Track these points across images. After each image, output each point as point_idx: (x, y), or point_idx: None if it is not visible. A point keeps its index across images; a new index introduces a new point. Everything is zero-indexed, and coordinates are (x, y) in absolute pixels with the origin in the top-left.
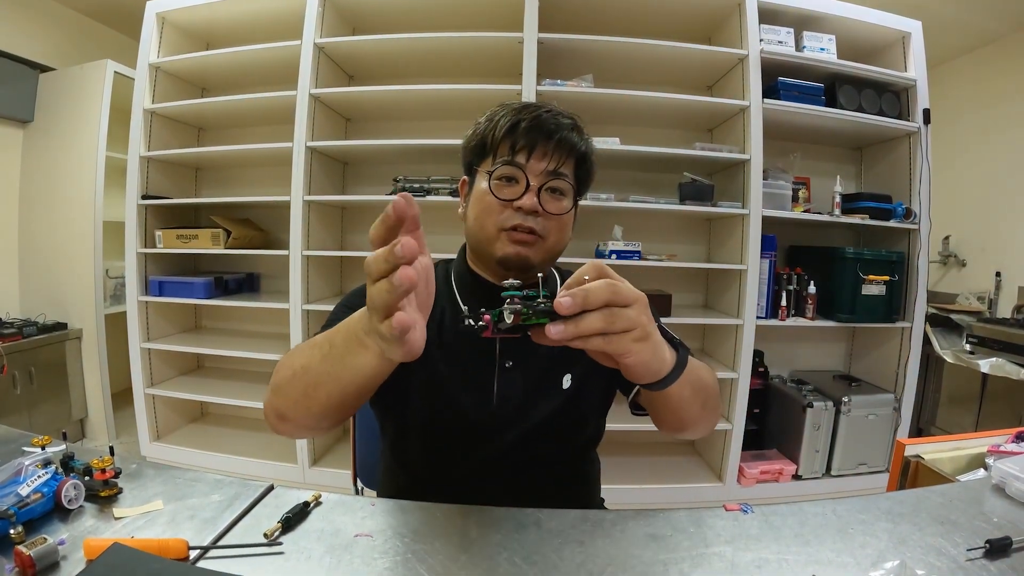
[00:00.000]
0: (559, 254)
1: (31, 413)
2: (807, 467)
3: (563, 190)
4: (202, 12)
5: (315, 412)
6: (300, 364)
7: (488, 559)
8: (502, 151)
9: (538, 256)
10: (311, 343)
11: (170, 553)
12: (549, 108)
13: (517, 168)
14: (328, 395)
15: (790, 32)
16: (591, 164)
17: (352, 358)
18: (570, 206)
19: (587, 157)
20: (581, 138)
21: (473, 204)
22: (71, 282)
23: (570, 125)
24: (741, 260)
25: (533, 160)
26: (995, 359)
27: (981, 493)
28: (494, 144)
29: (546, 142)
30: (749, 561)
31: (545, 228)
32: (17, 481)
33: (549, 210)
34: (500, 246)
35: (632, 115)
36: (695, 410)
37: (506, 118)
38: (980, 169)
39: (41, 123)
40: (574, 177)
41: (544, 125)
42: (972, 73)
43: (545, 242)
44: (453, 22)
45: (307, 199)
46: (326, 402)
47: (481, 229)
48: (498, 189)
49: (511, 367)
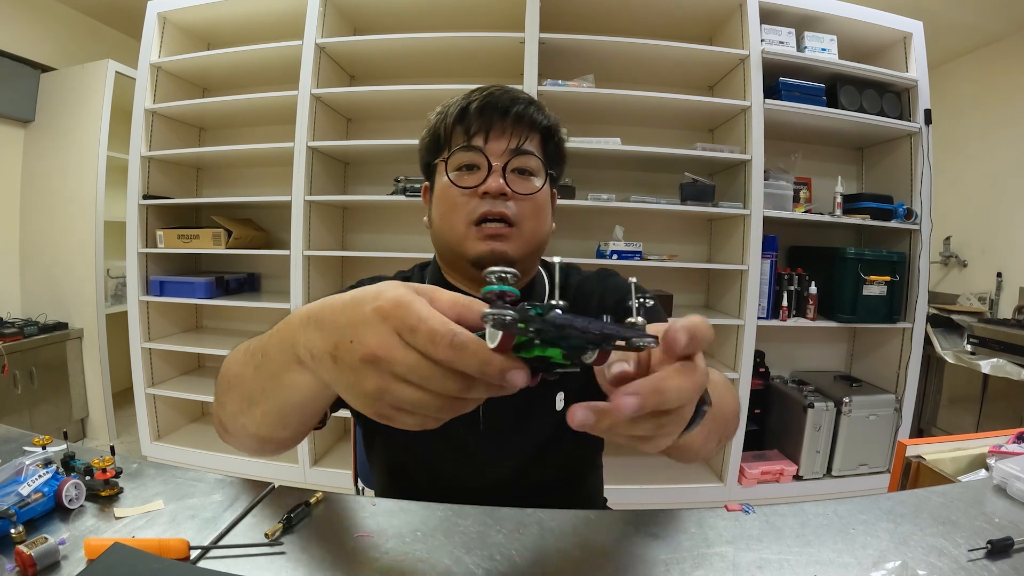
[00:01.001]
0: (541, 245)
1: (32, 413)
2: (808, 468)
3: (531, 168)
4: (203, 12)
5: (252, 432)
6: (235, 372)
7: (489, 559)
8: (456, 139)
9: (516, 249)
10: (248, 348)
11: (171, 553)
12: (501, 87)
13: (475, 151)
14: (264, 414)
15: (791, 32)
16: (560, 139)
17: (288, 375)
18: (542, 184)
19: (553, 131)
20: (542, 112)
21: (436, 203)
22: (72, 282)
23: (527, 100)
24: (742, 260)
25: (492, 140)
26: (996, 360)
27: (982, 493)
28: (447, 134)
29: (502, 119)
30: (750, 561)
31: (519, 213)
32: (18, 480)
33: (519, 190)
34: (471, 245)
35: (633, 115)
36: (708, 447)
37: (455, 105)
38: (981, 170)
39: (42, 123)
40: (542, 154)
41: (497, 102)
42: (973, 73)
43: (521, 231)
44: (454, 22)
45: (308, 199)
46: (262, 421)
47: (449, 228)
48: (459, 179)
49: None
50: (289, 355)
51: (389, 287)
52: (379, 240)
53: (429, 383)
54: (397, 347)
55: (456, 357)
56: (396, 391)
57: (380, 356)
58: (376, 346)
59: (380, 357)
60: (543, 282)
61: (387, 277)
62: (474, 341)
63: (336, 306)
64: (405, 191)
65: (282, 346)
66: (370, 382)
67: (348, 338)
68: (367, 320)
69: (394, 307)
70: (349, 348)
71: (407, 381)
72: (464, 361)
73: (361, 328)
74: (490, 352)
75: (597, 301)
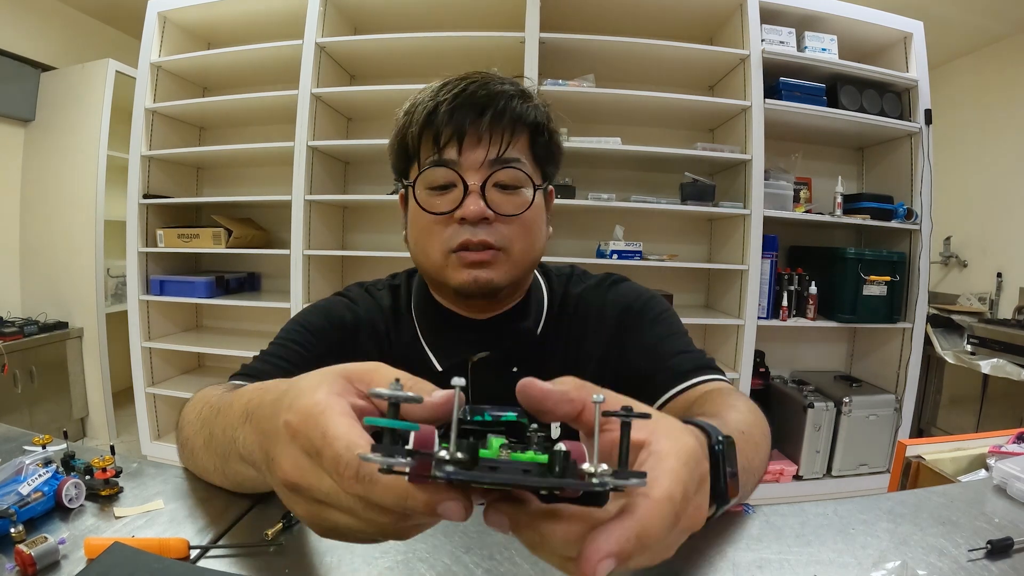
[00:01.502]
0: (535, 263)
1: (32, 412)
2: (808, 468)
3: (517, 181)
4: (204, 11)
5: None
6: (188, 435)
7: (489, 559)
8: (425, 149)
9: (504, 275)
10: (200, 414)
11: (171, 552)
12: (478, 78)
13: (446, 168)
14: (222, 483)
15: (792, 32)
16: (552, 135)
17: (233, 463)
18: (531, 197)
19: (543, 127)
20: (529, 103)
21: (411, 226)
22: (72, 281)
23: (511, 91)
24: (742, 260)
25: (467, 151)
26: (996, 360)
27: (982, 494)
28: (415, 143)
29: (477, 121)
30: (750, 561)
31: (505, 237)
32: (18, 480)
33: (503, 211)
34: (452, 273)
35: (633, 115)
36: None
37: (424, 104)
38: (982, 170)
39: (42, 122)
40: (531, 158)
41: (472, 99)
42: (974, 73)
43: (509, 254)
44: (455, 22)
45: (308, 198)
46: (222, 483)
47: (426, 256)
48: (430, 202)
49: None
50: (231, 447)
51: (308, 390)
52: (379, 239)
53: (355, 514)
54: (309, 471)
55: (367, 491)
56: (327, 517)
57: (294, 482)
58: (288, 470)
59: (295, 483)
60: (540, 296)
61: (382, 280)
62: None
63: (266, 408)
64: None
65: (225, 435)
66: (299, 507)
67: (271, 453)
68: (278, 436)
69: (302, 422)
70: (271, 466)
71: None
72: (378, 495)
73: (276, 446)
74: (407, 484)
75: (595, 319)
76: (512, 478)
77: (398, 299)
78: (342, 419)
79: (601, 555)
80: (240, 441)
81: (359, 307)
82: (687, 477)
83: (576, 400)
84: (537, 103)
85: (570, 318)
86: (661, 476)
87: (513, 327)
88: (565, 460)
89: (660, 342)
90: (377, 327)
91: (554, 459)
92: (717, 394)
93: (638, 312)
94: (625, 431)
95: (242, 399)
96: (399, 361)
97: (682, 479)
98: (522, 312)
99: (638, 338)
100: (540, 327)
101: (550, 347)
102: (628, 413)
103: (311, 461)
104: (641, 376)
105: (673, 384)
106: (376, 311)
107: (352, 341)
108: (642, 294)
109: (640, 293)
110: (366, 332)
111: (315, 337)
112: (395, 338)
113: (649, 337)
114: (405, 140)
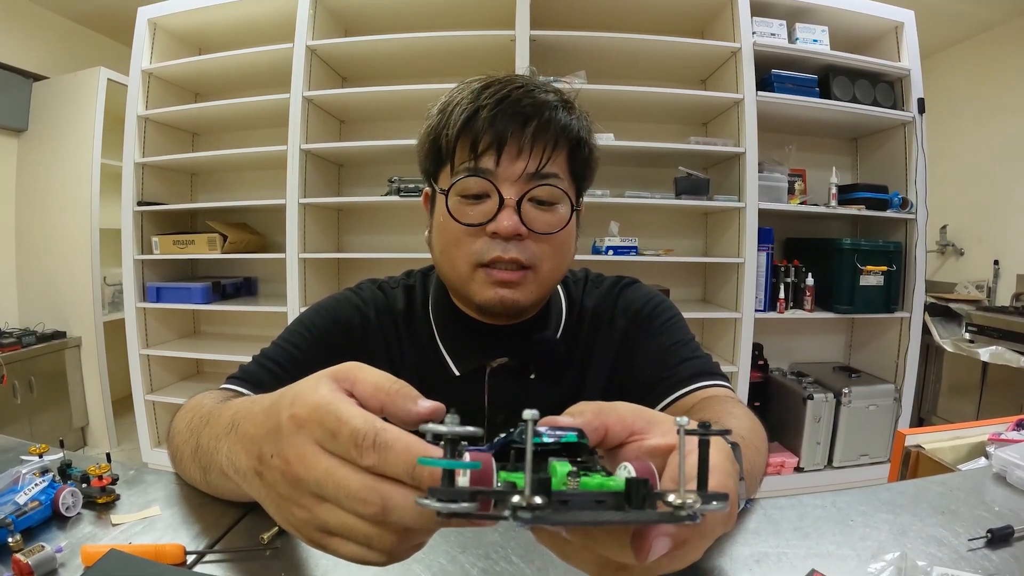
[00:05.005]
0: (559, 281)
1: (32, 422)
2: (808, 459)
3: (553, 198)
4: (194, 17)
5: (208, 492)
6: (177, 444)
7: (486, 558)
8: (461, 154)
9: (531, 296)
10: (190, 424)
11: (167, 558)
12: (523, 83)
13: (483, 179)
14: (212, 493)
15: (783, 24)
16: (591, 150)
17: (215, 476)
18: (568, 216)
19: (584, 142)
20: (572, 116)
21: (436, 232)
22: (69, 290)
23: (555, 102)
24: (738, 253)
25: (505, 162)
26: (995, 347)
27: (982, 482)
28: (449, 146)
29: (520, 132)
30: (748, 555)
31: (535, 255)
32: (15, 490)
33: (537, 229)
34: (478, 288)
35: (626, 110)
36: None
37: (462, 106)
38: (976, 157)
39: (35, 131)
40: (568, 173)
41: (515, 107)
42: (966, 62)
43: (538, 274)
44: (445, 21)
45: (302, 202)
46: (211, 494)
47: (451, 267)
48: (461, 211)
49: (503, 423)
50: (214, 458)
51: (309, 388)
52: (375, 241)
53: (350, 500)
54: (312, 458)
55: (382, 458)
56: (320, 515)
57: (296, 473)
58: (293, 460)
59: (296, 475)
60: (559, 304)
61: (396, 277)
62: (400, 440)
63: (257, 414)
64: (399, 191)
65: (209, 446)
66: (292, 510)
67: (269, 452)
68: (279, 432)
69: (312, 412)
70: (271, 464)
71: (334, 502)
72: (389, 463)
73: (275, 442)
74: (424, 446)
75: (606, 326)
76: (597, 517)
77: (413, 300)
78: (353, 407)
79: (659, 531)
80: (223, 452)
81: (369, 307)
82: (733, 473)
83: (599, 427)
84: (579, 114)
85: (585, 326)
86: (716, 473)
87: (534, 336)
88: (644, 487)
89: (666, 350)
90: (387, 330)
91: (631, 488)
92: (715, 400)
93: (646, 319)
94: (704, 449)
95: (230, 410)
96: (413, 363)
97: (731, 474)
98: (543, 321)
99: (645, 345)
100: (559, 335)
101: (567, 355)
102: (706, 431)
103: (316, 448)
104: (645, 383)
105: (672, 390)
106: (388, 312)
107: (360, 343)
108: (650, 300)
109: (649, 299)
110: (375, 334)
111: (317, 339)
112: (408, 340)
113: (655, 345)
114: (439, 141)
